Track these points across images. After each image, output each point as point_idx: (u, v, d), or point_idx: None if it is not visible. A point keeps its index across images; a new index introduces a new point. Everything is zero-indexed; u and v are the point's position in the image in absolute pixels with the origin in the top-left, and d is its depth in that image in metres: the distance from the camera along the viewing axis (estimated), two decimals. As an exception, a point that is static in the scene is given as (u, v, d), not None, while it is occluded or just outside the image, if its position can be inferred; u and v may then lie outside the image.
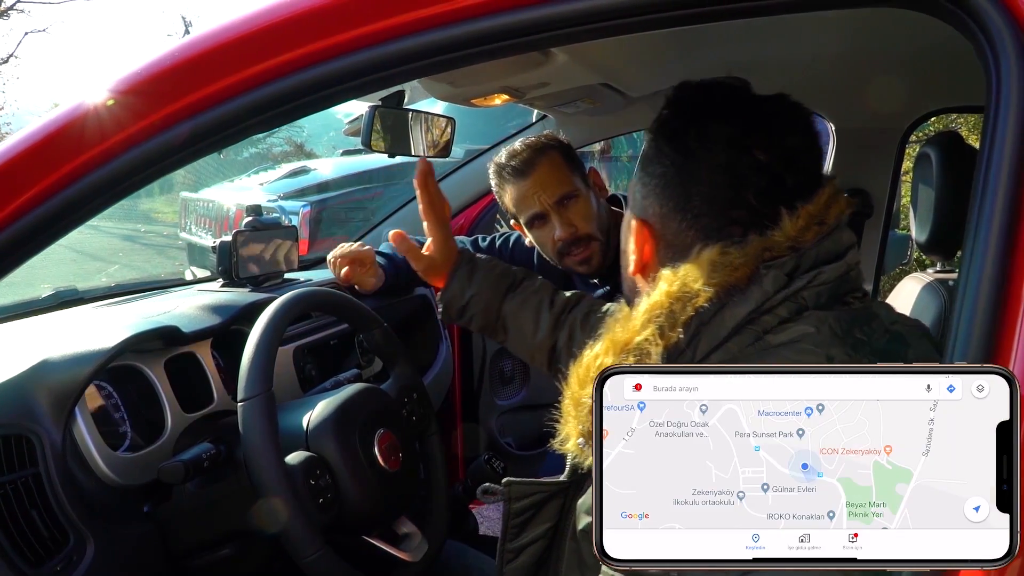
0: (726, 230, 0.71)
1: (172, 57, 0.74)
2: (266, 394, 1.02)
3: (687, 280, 0.68)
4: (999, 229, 0.57)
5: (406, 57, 0.71)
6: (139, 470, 1.13)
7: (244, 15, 0.74)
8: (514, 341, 1.24)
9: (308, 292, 1.17)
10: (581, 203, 1.58)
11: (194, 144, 0.74)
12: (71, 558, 1.01)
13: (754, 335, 0.67)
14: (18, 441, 0.99)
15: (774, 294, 0.67)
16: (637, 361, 0.66)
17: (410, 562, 1.14)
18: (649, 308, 0.68)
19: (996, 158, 0.59)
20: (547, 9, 0.70)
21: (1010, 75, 0.59)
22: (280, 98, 0.72)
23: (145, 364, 1.19)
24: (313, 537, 0.99)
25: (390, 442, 1.17)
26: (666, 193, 0.75)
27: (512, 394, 2.58)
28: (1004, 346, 0.56)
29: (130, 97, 0.73)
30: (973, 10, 0.61)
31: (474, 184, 2.26)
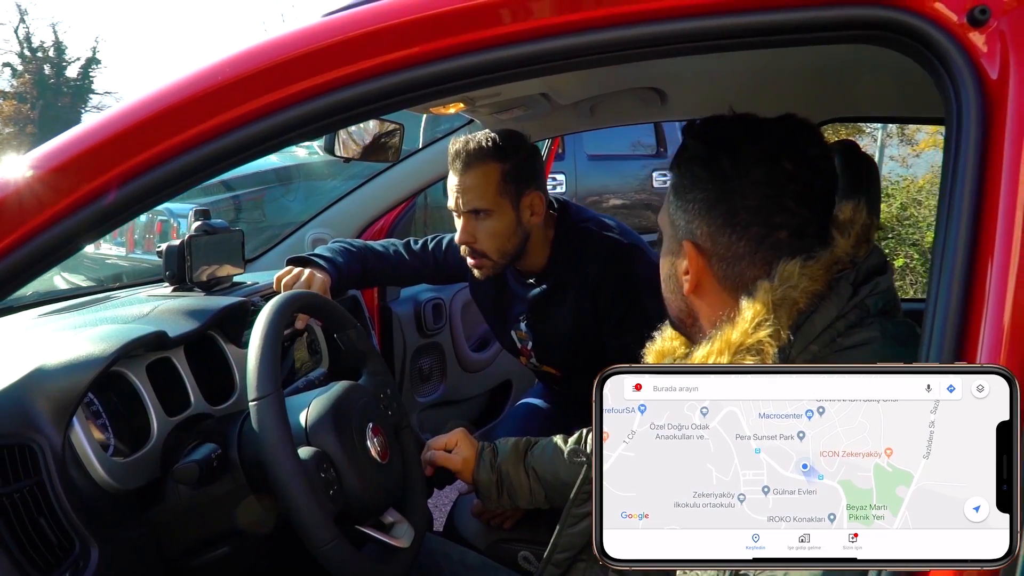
0: (773, 235, 0.83)
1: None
2: (277, 393, 1.05)
3: (786, 288, 0.79)
4: (964, 240, 0.68)
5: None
6: (133, 474, 1.13)
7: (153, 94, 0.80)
8: (551, 490, 1.38)
9: (297, 295, 1.20)
10: (491, 222, 1.66)
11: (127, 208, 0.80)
12: (78, 564, 1.01)
13: (830, 337, 0.78)
14: (20, 450, 0.99)
15: (847, 301, 0.79)
16: (755, 360, 0.76)
17: (403, 548, 1.21)
18: (754, 314, 0.78)
19: (960, 173, 0.73)
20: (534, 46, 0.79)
21: (969, 105, 0.73)
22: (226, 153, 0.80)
23: (128, 369, 1.19)
24: (329, 526, 1.04)
25: (380, 435, 1.23)
26: (713, 213, 0.85)
27: (431, 391, 2.66)
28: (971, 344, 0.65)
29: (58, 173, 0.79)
30: (939, 52, 0.75)
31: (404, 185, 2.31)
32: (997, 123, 0.72)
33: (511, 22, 0.79)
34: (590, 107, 2.00)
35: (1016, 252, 0.68)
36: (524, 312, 1.86)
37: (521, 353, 1.95)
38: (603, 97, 1.94)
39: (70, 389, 1.04)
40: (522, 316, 1.87)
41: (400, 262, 1.97)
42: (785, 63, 1.70)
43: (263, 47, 0.82)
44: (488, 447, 1.42)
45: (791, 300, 0.80)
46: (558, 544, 1.04)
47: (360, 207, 2.34)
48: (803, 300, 0.80)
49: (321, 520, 1.03)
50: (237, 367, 1.41)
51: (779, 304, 0.79)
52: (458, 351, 2.73)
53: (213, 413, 1.32)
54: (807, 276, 0.80)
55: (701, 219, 0.87)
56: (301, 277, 1.67)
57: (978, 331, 0.65)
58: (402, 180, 2.33)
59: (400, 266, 1.97)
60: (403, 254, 1.98)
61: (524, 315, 1.86)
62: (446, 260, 1.98)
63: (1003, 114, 0.72)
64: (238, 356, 1.43)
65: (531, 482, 1.37)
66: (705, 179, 0.86)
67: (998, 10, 0.73)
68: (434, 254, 1.99)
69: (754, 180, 0.84)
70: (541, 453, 1.38)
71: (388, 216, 2.46)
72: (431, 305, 2.57)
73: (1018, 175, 0.70)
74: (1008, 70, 0.73)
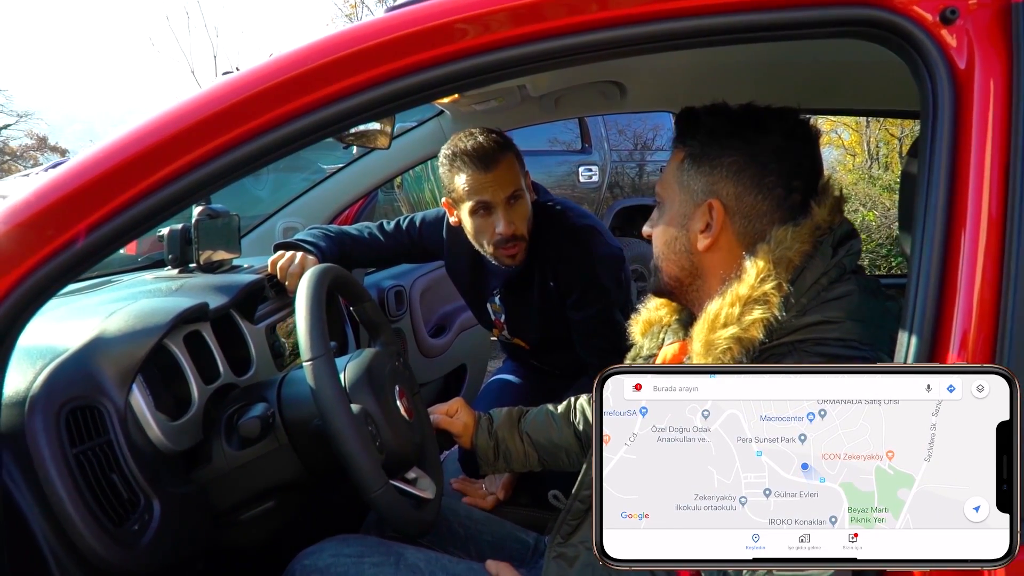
0: (790, 198, 0.99)
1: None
2: (328, 354, 1.14)
3: (782, 249, 0.94)
4: (941, 219, 0.82)
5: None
6: (182, 436, 1.20)
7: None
8: (545, 452, 1.49)
9: (329, 267, 1.29)
10: (523, 204, 1.78)
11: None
12: (144, 517, 1.08)
13: (816, 292, 0.94)
14: (91, 411, 1.05)
15: (830, 260, 0.94)
16: (762, 309, 0.90)
17: (430, 499, 1.31)
18: (758, 270, 0.93)
19: (937, 148, 0.89)
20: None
21: (943, 93, 0.90)
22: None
23: (169, 340, 1.25)
24: (380, 473, 1.14)
25: (406, 396, 1.33)
26: (742, 175, 0.99)
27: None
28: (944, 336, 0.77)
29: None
30: (916, 45, 0.92)
31: (367, 177, 2.39)
32: (966, 105, 0.89)
33: (529, 23, 0.91)
34: (555, 100, 2.14)
35: (985, 209, 0.85)
36: (498, 287, 1.99)
37: (495, 325, 2.08)
38: (568, 90, 2.08)
39: (131, 355, 1.11)
40: (496, 291, 2.00)
41: (376, 243, 2.06)
42: (738, 58, 1.87)
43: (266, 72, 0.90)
44: (484, 415, 1.53)
45: (787, 259, 0.95)
46: (585, 482, 1.16)
47: (328, 197, 2.41)
48: (797, 259, 0.95)
49: (374, 468, 1.13)
50: (253, 342, 1.48)
51: (778, 262, 0.95)
52: (417, 336, 2.83)
53: (238, 383, 1.39)
54: (797, 239, 0.96)
55: (728, 181, 1.01)
56: (295, 260, 1.75)
57: (954, 293, 0.79)
58: (369, 171, 2.41)
59: (376, 247, 2.06)
60: (378, 236, 2.07)
61: (498, 290, 2.00)
62: (421, 238, 2.07)
63: (970, 98, 0.89)
64: (253, 332, 1.50)
65: (525, 446, 1.50)
66: (735, 146, 1.00)
67: (965, 11, 0.90)
68: (409, 233, 2.08)
69: (777, 148, 0.99)
70: (534, 420, 1.51)
71: (352, 207, 2.53)
72: (393, 292, 2.66)
73: (984, 148, 0.87)
74: (974, 61, 0.89)
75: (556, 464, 1.50)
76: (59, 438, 0.97)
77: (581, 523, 1.17)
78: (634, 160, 6.28)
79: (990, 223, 0.84)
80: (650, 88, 2.14)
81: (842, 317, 0.92)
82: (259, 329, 1.54)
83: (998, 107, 0.87)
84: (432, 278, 2.78)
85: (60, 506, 0.96)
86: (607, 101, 2.17)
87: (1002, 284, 0.80)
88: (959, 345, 0.78)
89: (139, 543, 1.04)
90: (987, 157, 0.86)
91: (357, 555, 1.17)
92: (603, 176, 6.02)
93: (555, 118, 2.33)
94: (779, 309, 0.92)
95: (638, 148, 6.32)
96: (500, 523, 1.53)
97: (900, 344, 0.81)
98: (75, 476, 0.98)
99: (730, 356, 0.91)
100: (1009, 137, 0.86)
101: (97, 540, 0.98)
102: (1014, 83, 0.87)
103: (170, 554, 1.09)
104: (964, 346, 0.78)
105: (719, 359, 0.92)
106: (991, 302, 0.79)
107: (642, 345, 1.22)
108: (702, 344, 0.94)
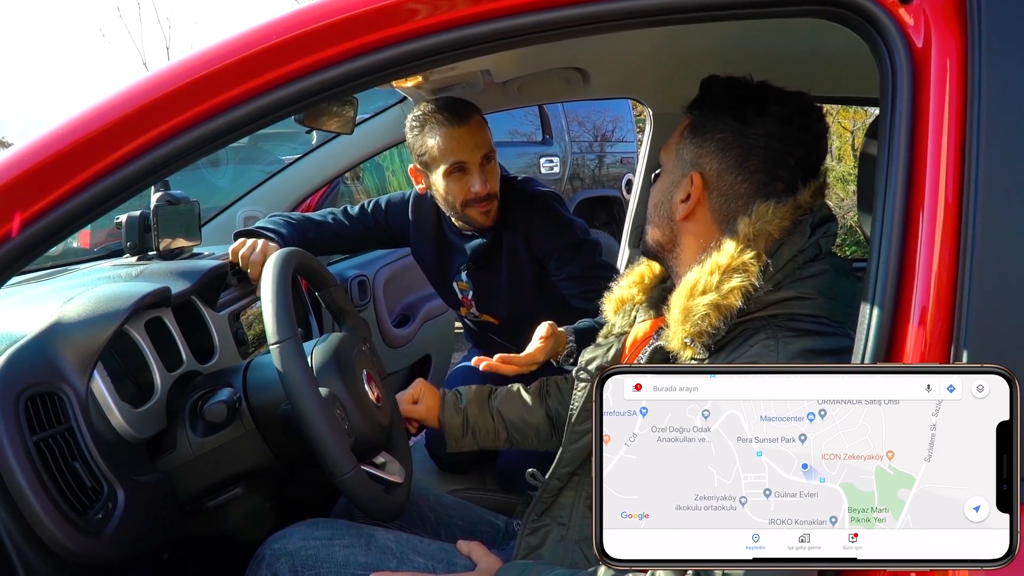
0: (771, 185, 1.00)
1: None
2: (296, 336, 1.13)
3: (763, 223, 0.96)
4: (900, 196, 0.84)
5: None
6: (146, 424, 1.18)
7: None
8: (515, 430, 1.48)
9: (294, 251, 1.27)
10: (495, 165, 1.82)
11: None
12: (107, 506, 1.06)
13: (792, 268, 0.95)
14: (51, 398, 1.03)
15: (807, 239, 0.96)
16: (741, 278, 0.91)
17: (400, 483, 1.31)
18: (738, 241, 0.95)
19: (896, 122, 0.91)
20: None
21: (901, 71, 0.92)
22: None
23: (130, 326, 1.23)
24: (350, 456, 1.13)
25: (374, 380, 1.33)
26: (727, 153, 1.00)
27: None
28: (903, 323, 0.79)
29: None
30: (876, 24, 0.94)
31: (330, 165, 2.37)
32: (923, 83, 0.91)
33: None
34: (518, 86, 2.14)
35: (943, 185, 0.87)
36: (465, 263, 1.99)
37: (462, 303, 2.08)
38: (531, 76, 2.08)
39: (92, 340, 1.09)
40: (463, 267, 2.01)
41: (340, 228, 2.04)
42: (701, 45, 1.89)
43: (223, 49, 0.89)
44: (451, 393, 1.51)
45: (767, 232, 0.97)
46: (562, 459, 1.17)
47: (291, 185, 2.39)
48: (776, 233, 0.97)
49: (343, 451, 1.12)
50: (216, 329, 1.46)
51: (758, 235, 0.96)
52: (382, 327, 2.81)
53: (201, 371, 1.37)
54: (778, 215, 0.98)
55: (714, 156, 1.02)
56: (256, 247, 1.72)
57: (913, 270, 0.81)
58: (331, 159, 2.39)
59: (340, 232, 2.04)
60: (343, 220, 2.05)
61: (465, 265, 2.00)
62: (387, 222, 2.06)
63: (927, 74, 0.91)
64: (216, 319, 1.48)
65: (495, 424, 1.49)
66: (728, 123, 1.01)
67: (921, -9, 0.92)
68: (374, 215, 2.07)
69: (770, 133, 1.00)
70: (506, 398, 1.51)
71: (314, 196, 2.51)
72: (356, 282, 2.64)
73: (941, 125, 0.89)
74: (930, 40, 0.92)
75: (524, 443, 1.49)
76: (18, 425, 0.95)
77: (555, 500, 1.17)
78: (594, 152, 6.31)
79: (947, 199, 0.86)
80: (612, 75, 2.15)
81: (815, 294, 0.94)
82: (222, 316, 1.52)
83: (954, 85, 0.90)
84: (396, 267, 2.77)
85: (20, 495, 0.93)
86: (570, 87, 2.18)
87: (959, 260, 0.82)
88: (918, 321, 0.80)
89: (103, 532, 1.02)
90: (944, 134, 0.88)
91: (327, 538, 1.16)
92: (564, 168, 6.04)
93: (518, 104, 2.34)
94: (757, 278, 0.93)
95: (598, 140, 6.36)
96: (470, 507, 1.53)
97: (861, 320, 0.82)
98: (35, 464, 0.95)
99: (708, 323, 0.93)
100: (965, 114, 0.88)
101: (60, 529, 0.95)
102: (969, 61, 0.89)
103: (135, 543, 1.08)
104: (923, 322, 0.80)
105: (697, 325, 0.93)
106: (948, 280, 0.81)
107: (614, 323, 1.23)
108: (680, 311, 0.95)
